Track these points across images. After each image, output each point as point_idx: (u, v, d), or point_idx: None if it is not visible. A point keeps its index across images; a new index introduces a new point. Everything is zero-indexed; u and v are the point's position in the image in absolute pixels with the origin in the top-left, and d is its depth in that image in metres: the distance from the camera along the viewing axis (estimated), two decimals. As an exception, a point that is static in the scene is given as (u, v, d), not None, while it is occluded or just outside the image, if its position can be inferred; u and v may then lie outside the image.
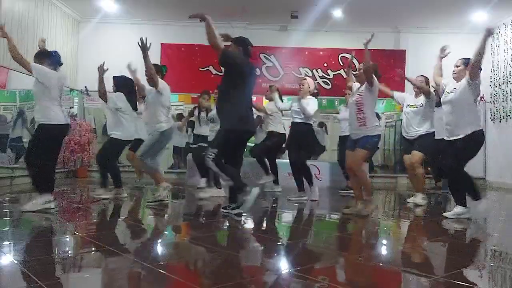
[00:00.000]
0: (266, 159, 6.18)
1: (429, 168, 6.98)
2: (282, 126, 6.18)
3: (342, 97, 8.72)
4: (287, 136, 5.93)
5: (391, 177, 8.99)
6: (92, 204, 4.90)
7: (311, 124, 5.44)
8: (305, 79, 5.64)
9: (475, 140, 4.00)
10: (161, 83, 4.60)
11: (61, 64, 4.27)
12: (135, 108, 5.15)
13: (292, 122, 5.50)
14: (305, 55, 9.34)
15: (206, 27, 3.85)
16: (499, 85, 8.56)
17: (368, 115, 4.14)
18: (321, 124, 9.55)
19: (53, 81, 4.03)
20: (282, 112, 6.05)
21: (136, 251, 2.85)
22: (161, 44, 9.11)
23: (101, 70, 5.04)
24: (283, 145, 6.18)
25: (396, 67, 8.49)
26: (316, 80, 8.82)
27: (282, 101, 6.00)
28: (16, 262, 2.39)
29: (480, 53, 3.80)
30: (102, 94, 5.06)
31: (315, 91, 5.55)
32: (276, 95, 5.84)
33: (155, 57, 8.96)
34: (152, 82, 4.49)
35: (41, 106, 3.99)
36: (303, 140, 5.34)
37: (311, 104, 5.23)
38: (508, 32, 8.33)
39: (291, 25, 9.21)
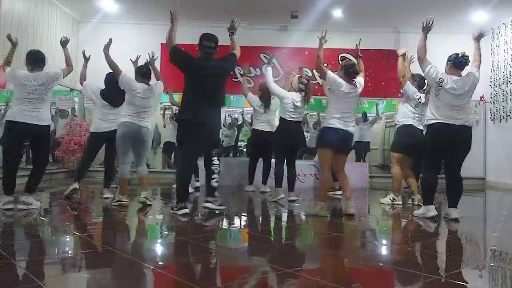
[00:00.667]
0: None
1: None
2: (267, 124, 5.90)
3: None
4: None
5: (391, 177, 8.98)
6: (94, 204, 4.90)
7: (281, 119, 5.35)
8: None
9: (426, 134, 4.12)
10: (128, 80, 4.52)
11: (37, 63, 4.23)
12: (116, 105, 4.93)
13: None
14: (305, 55, 9.33)
15: (172, 27, 4.23)
16: (499, 85, 8.56)
17: (327, 110, 4.31)
18: (317, 124, 9.58)
19: (15, 81, 4.13)
20: (266, 108, 5.91)
21: (135, 251, 2.85)
22: (161, 44, 9.08)
23: (86, 58, 5.20)
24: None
25: (396, 67, 8.50)
26: (316, 80, 8.80)
27: (269, 103, 5.92)
28: (16, 262, 2.39)
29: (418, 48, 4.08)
30: (81, 79, 5.18)
31: (300, 86, 5.31)
32: (270, 71, 5.48)
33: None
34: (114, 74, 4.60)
35: None
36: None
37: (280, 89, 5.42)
38: (508, 32, 8.33)
39: (291, 25, 9.21)
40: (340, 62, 9.17)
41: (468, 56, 4.03)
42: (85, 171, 5.29)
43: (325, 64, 9.23)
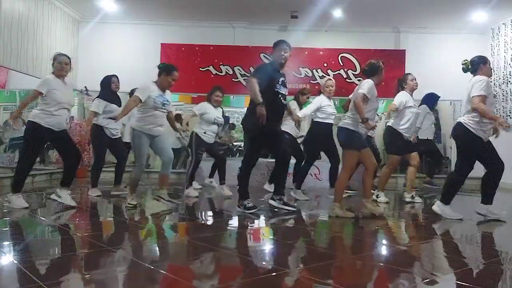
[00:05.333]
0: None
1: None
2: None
3: (342, 97, 8.73)
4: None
5: (391, 177, 8.98)
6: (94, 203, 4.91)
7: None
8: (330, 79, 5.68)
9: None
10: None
11: None
12: None
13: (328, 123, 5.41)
14: (305, 55, 9.33)
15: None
16: (499, 85, 8.56)
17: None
18: None
19: None
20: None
21: (136, 251, 2.85)
22: (161, 44, 9.11)
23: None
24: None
25: (396, 67, 8.51)
26: (316, 80, 8.80)
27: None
28: (16, 262, 2.39)
29: None
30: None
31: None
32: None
33: (155, 57, 8.97)
34: None
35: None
36: None
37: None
38: (508, 32, 8.33)
39: (291, 25, 9.21)
40: (341, 62, 9.19)
41: (465, 63, 4.12)
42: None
43: (325, 64, 9.28)
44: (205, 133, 5.49)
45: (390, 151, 5.24)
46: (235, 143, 9.99)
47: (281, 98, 4.24)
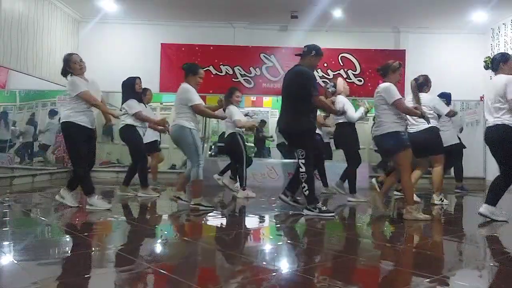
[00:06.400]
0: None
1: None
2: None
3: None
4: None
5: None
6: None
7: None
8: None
9: None
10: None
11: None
12: None
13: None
14: (305, 55, 9.32)
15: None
16: (499, 85, 8.56)
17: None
18: None
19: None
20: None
21: (137, 251, 2.85)
22: (161, 44, 9.11)
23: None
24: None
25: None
26: (317, 80, 8.81)
27: None
28: (16, 262, 2.39)
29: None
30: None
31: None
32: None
33: (155, 57, 8.99)
34: None
35: None
36: None
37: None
38: (508, 32, 8.33)
39: (291, 25, 9.21)
40: (341, 62, 9.19)
41: (486, 60, 4.10)
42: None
43: (325, 64, 9.27)
44: (242, 132, 5.70)
45: (439, 151, 5.04)
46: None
47: None
